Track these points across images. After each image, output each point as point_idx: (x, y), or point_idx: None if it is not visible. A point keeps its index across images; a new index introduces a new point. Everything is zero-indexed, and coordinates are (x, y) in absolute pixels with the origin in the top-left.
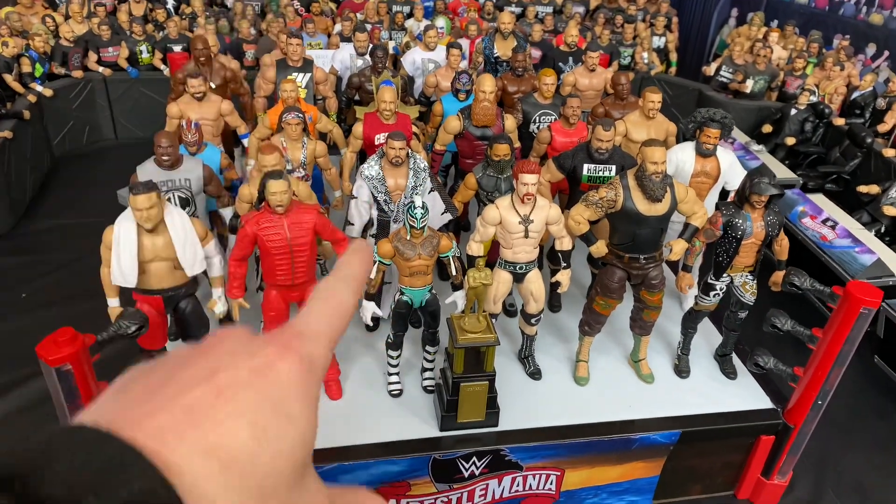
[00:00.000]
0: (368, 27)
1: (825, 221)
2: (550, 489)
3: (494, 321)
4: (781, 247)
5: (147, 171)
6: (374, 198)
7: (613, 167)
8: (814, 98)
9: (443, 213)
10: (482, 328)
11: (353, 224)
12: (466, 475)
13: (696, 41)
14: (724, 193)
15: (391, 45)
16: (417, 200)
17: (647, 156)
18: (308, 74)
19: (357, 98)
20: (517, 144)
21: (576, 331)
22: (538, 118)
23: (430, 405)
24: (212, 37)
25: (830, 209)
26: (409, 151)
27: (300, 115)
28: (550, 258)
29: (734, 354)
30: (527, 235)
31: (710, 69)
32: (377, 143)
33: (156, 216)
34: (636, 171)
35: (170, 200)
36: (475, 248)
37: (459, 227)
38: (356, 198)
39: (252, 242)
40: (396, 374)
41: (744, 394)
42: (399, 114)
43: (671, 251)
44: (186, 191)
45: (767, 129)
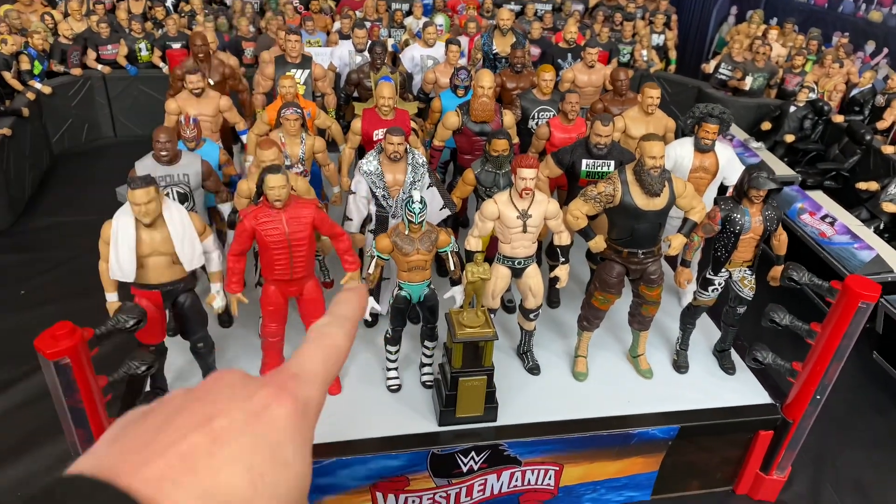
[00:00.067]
0: (368, 25)
1: (824, 218)
2: (549, 484)
3: (493, 316)
4: (780, 242)
5: (145, 167)
6: (373, 193)
7: (612, 162)
8: (813, 95)
9: (441, 209)
10: (480, 323)
11: (352, 219)
12: (465, 470)
13: (696, 39)
14: (723, 189)
15: (390, 43)
16: (416, 195)
17: (646, 150)
18: (307, 71)
19: (356, 95)
20: (515, 140)
21: (574, 326)
22: (537, 114)
23: (429, 400)
24: (210, 34)
25: (829, 206)
26: (408, 147)
27: (298, 111)
28: (549, 254)
29: (733, 349)
30: (525, 230)
31: (710, 67)
32: (376, 139)
33: (154, 211)
34: (634, 166)
35: (168, 196)
36: (473, 244)
37: (458, 223)
38: (354, 193)
39: (250, 237)
40: (395, 370)
41: (742, 389)
42: (398, 110)
43: (670, 246)
44: (185, 186)
45: (766, 127)
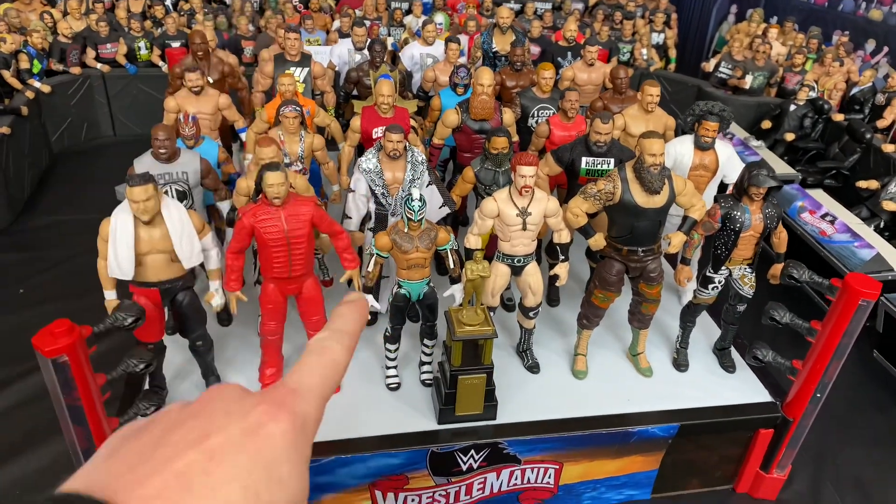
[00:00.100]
0: (367, 23)
1: (824, 216)
2: (549, 483)
3: (492, 314)
4: (780, 239)
5: (144, 165)
6: (372, 191)
7: (612, 160)
8: (813, 94)
9: (441, 207)
10: (480, 321)
11: (351, 217)
12: (464, 468)
13: (696, 38)
14: (723, 187)
15: (389, 42)
16: (415, 192)
17: (645, 147)
18: (306, 69)
19: (355, 93)
20: (515, 138)
21: (574, 324)
22: (536, 112)
23: (428, 398)
24: (210, 32)
25: (829, 204)
26: (407, 144)
27: (298, 108)
28: (549, 252)
29: (733, 348)
30: (525, 228)
31: (710, 65)
32: (375, 137)
33: (152, 208)
34: (634, 164)
35: (167, 193)
36: (473, 241)
37: (457, 222)
38: (354, 191)
39: (249, 235)
40: (394, 368)
41: (742, 387)
42: (397, 108)
43: (669, 244)
44: (183, 184)
45: (767, 125)
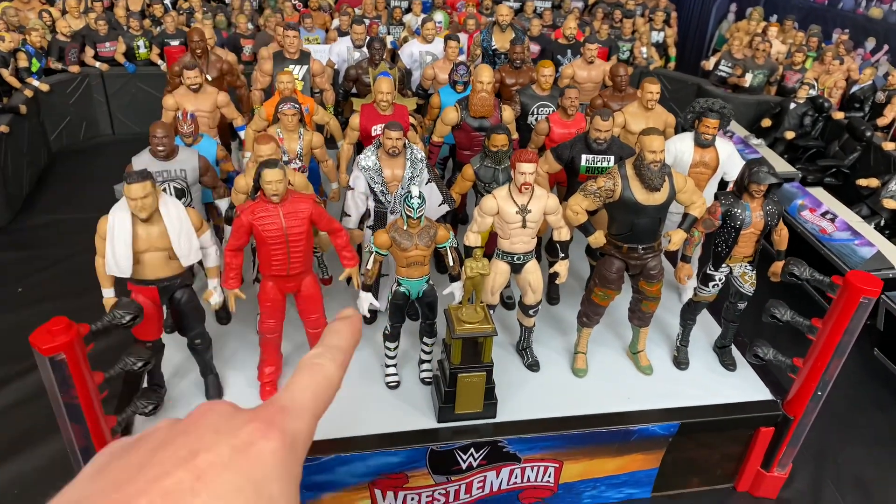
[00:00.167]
0: (366, 21)
1: (825, 214)
2: (549, 481)
3: (492, 312)
4: (780, 237)
5: (143, 162)
6: (371, 189)
7: (612, 158)
8: (813, 92)
9: (440, 205)
10: (480, 319)
11: (350, 215)
12: (464, 467)
13: (695, 36)
14: (723, 184)
15: (389, 40)
16: (414, 190)
17: (646, 144)
18: (305, 67)
19: (354, 90)
20: (515, 136)
21: (574, 322)
22: (536, 110)
23: (428, 397)
24: (209, 30)
25: (830, 202)
26: (406, 142)
27: (296, 106)
28: (548, 250)
29: (733, 346)
30: (524, 225)
31: (709, 64)
32: (374, 134)
33: (150, 205)
34: (634, 161)
35: (165, 191)
36: (473, 239)
37: (457, 220)
38: (353, 189)
39: (248, 232)
40: (394, 366)
41: (743, 385)
42: (396, 105)
43: (670, 241)
44: (182, 181)
45: (767, 124)
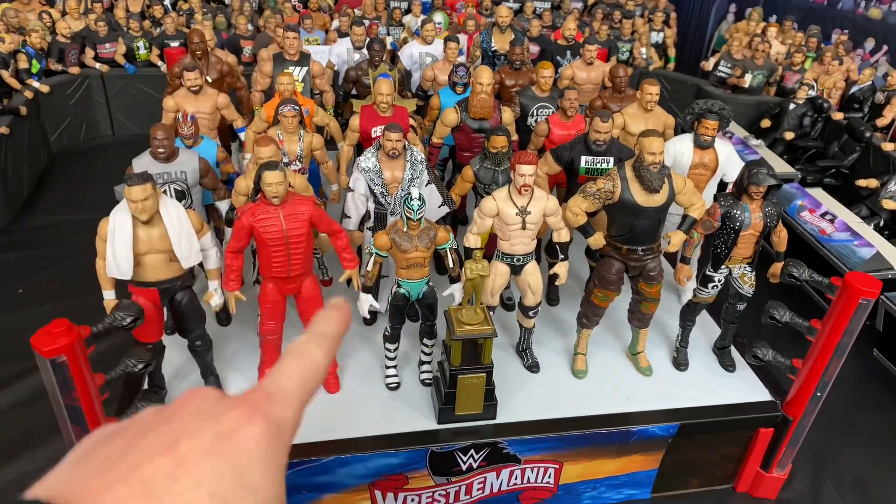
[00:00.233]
0: (366, 22)
1: (824, 215)
2: (549, 482)
3: (492, 314)
4: (780, 238)
5: (143, 164)
6: (371, 190)
7: (611, 159)
8: (812, 93)
9: (440, 207)
10: (479, 320)
11: (350, 217)
12: (464, 468)
13: (695, 37)
14: (723, 186)
15: (389, 41)
16: (414, 192)
17: (645, 146)
18: (305, 68)
19: (354, 92)
20: (514, 137)
21: (574, 324)
22: (536, 111)
23: (428, 398)
24: (209, 31)
25: (829, 203)
26: (406, 144)
27: (296, 108)
28: (548, 251)
29: (733, 347)
30: (524, 227)
31: (709, 64)
32: (374, 136)
33: (151, 207)
34: (634, 162)
35: (165, 193)
36: (472, 241)
37: (457, 221)
38: (353, 191)
39: (248, 234)
40: (394, 367)
41: (742, 386)
42: (396, 106)
43: (669, 243)
44: (182, 183)
45: (766, 124)
